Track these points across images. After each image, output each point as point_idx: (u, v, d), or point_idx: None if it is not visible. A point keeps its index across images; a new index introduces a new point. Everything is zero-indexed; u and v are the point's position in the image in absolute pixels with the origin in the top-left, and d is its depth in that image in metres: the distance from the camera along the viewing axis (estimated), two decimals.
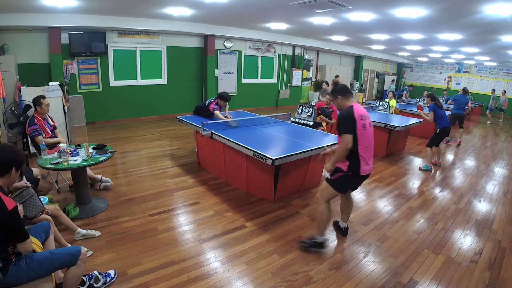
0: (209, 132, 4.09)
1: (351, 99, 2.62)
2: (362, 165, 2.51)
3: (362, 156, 2.49)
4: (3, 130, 4.75)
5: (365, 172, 2.56)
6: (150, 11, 6.52)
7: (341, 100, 2.63)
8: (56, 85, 5.40)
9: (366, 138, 2.50)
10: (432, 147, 5.26)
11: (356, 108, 2.52)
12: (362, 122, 2.48)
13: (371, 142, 2.57)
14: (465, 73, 15.66)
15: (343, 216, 3.09)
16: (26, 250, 1.71)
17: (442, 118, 5.15)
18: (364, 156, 2.51)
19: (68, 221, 2.72)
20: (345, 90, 2.64)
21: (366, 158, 2.53)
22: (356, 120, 2.45)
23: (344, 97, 2.61)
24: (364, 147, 2.49)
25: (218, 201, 3.73)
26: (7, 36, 6.41)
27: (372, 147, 2.59)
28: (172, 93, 9.02)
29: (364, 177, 2.63)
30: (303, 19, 6.70)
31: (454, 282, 2.41)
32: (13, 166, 1.74)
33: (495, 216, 3.67)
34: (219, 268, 2.48)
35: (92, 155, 3.17)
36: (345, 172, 2.55)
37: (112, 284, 2.24)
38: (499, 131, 10.12)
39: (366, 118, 2.54)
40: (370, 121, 2.59)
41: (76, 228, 2.76)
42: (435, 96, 5.43)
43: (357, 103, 2.61)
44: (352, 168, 2.53)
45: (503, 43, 7.64)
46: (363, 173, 2.55)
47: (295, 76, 12.03)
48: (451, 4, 4.42)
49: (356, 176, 2.56)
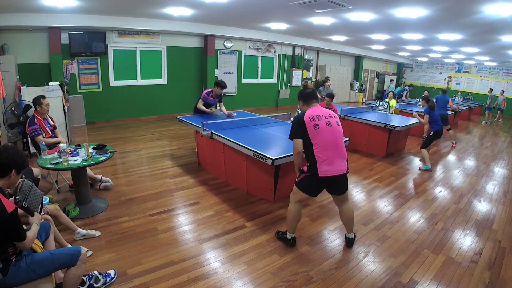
0: (209, 132, 4.09)
1: (312, 104, 2.61)
2: (320, 166, 2.42)
3: (318, 157, 2.43)
4: (3, 130, 4.75)
5: (325, 173, 2.43)
6: (150, 11, 6.52)
7: (302, 105, 2.67)
8: (56, 85, 5.40)
9: (322, 138, 2.43)
10: (425, 148, 5.36)
11: (309, 111, 2.51)
12: (313, 123, 2.44)
13: (330, 141, 2.45)
14: (465, 73, 15.66)
15: (345, 227, 2.96)
16: (24, 248, 1.72)
17: (436, 121, 5.27)
18: (321, 157, 2.42)
19: (68, 221, 2.72)
20: (308, 97, 2.63)
21: (324, 159, 2.42)
22: (305, 122, 2.44)
23: (305, 103, 2.64)
24: (319, 147, 2.43)
25: (218, 201, 3.73)
26: (7, 36, 6.41)
27: (335, 146, 2.47)
28: (172, 93, 9.02)
29: (329, 178, 2.47)
30: (303, 19, 6.70)
31: (454, 282, 2.41)
32: (14, 168, 1.73)
33: (495, 216, 3.67)
34: (219, 268, 2.48)
35: (92, 155, 3.17)
36: (305, 172, 2.56)
37: (112, 284, 2.24)
38: (498, 131, 10.12)
39: (321, 118, 2.48)
40: (332, 120, 2.52)
41: (76, 228, 2.76)
42: (430, 98, 5.49)
43: (317, 106, 2.60)
44: (310, 169, 2.51)
45: (503, 43, 7.64)
46: (322, 175, 2.43)
47: (295, 76, 12.03)
48: (451, 4, 4.43)
49: (315, 177, 2.47)
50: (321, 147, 2.43)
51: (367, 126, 5.97)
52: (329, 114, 2.57)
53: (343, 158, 2.54)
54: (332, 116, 2.56)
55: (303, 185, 2.61)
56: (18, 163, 1.75)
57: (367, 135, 6.05)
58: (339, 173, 2.48)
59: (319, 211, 3.56)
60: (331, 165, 2.45)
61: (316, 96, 2.68)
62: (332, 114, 2.59)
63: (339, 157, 2.49)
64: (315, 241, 2.95)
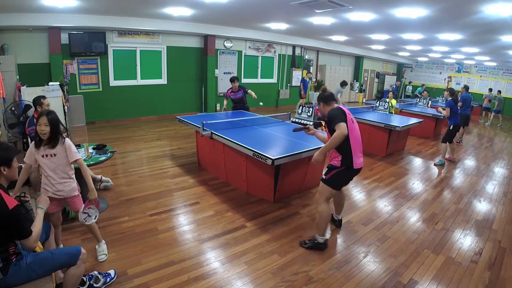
0: (209, 132, 4.08)
1: (332, 105, 2.74)
2: (354, 158, 2.59)
3: (354, 148, 2.58)
4: (3, 130, 4.76)
5: (358, 165, 2.63)
6: (150, 11, 6.52)
7: (323, 106, 2.78)
8: (56, 85, 5.40)
9: (355, 132, 2.63)
10: (446, 143, 5.48)
11: (342, 107, 2.70)
12: (350, 116, 2.62)
13: (358, 136, 2.68)
14: (465, 73, 15.65)
15: (337, 209, 3.21)
16: (30, 247, 1.68)
17: (456, 115, 5.36)
18: (356, 149, 2.61)
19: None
20: (328, 99, 2.77)
21: (357, 151, 2.62)
22: (346, 113, 2.59)
23: (326, 104, 2.75)
24: (354, 140, 2.59)
25: (218, 201, 3.73)
26: (7, 36, 6.41)
27: (360, 141, 2.69)
28: (172, 93, 9.02)
29: (357, 170, 2.69)
30: (303, 19, 6.70)
31: (454, 282, 2.41)
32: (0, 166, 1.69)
33: (495, 216, 3.67)
34: (219, 268, 2.48)
35: (92, 155, 3.17)
36: (339, 167, 2.62)
37: (112, 284, 2.24)
38: (498, 131, 10.12)
39: (351, 114, 2.69)
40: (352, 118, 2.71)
41: None
42: (454, 91, 5.54)
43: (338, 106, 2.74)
44: (345, 162, 2.60)
45: (503, 43, 7.64)
46: (357, 166, 2.62)
47: (295, 76, 12.03)
48: (451, 4, 4.42)
49: (350, 170, 2.62)
50: (355, 141, 2.61)
51: (367, 126, 5.97)
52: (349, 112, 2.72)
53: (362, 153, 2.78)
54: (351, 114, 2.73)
55: (335, 181, 2.69)
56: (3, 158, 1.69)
57: (367, 135, 6.04)
58: (362, 165, 2.73)
59: None
60: (359, 158, 2.67)
61: (334, 98, 2.84)
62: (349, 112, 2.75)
63: (362, 151, 2.74)
64: None
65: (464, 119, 7.25)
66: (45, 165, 2.27)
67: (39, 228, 1.75)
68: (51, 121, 2.19)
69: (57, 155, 2.26)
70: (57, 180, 2.30)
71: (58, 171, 2.30)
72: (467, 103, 7.18)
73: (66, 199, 2.39)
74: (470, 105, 7.39)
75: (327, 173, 2.70)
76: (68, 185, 2.35)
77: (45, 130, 2.17)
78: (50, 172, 2.28)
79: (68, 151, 2.28)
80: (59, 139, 2.25)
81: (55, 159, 2.26)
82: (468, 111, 7.32)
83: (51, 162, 2.26)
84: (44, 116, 2.17)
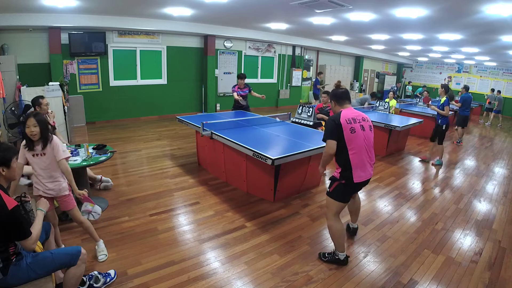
0: (209, 132, 4.08)
1: (345, 105, 2.50)
2: (354, 172, 2.36)
3: (355, 161, 2.35)
4: (3, 130, 4.76)
5: (359, 179, 2.39)
6: (150, 11, 6.52)
7: (334, 105, 2.58)
8: (56, 85, 5.40)
9: (357, 143, 2.35)
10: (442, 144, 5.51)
11: (345, 113, 2.40)
12: (349, 126, 2.34)
13: (365, 146, 2.40)
14: (465, 73, 15.65)
15: (352, 217, 3.08)
16: (29, 248, 1.68)
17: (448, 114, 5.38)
18: (356, 162, 2.36)
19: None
20: (341, 97, 2.53)
21: (359, 164, 2.37)
22: (342, 125, 2.33)
23: (337, 104, 2.54)
24: (354, 152, 2.34)
25: (218, 201, 3.73)
26: (7, 36, 6.41)
27: (368, 152, 2.43)
28: (172, 93, 9.02)
29: (361, 184, 2.48)
30: (303, 19, 6.70)
31: (454, 282, 2.41)
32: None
33: (495, 216, 3.67)
34: (219, 268, 2.48)
35: (92, 155, 3.17)
36: (339, 180, 2.44)
37: (112, 284, 2.24)
38: (498, 131, 10.12)
39: (356, 121, 2.38)
40: (365, 124, 2.44)
41: None
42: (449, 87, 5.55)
43: (351, 108, 2.50)
44: (344, 176, 2.41)
45: (503, 43, 7.63)
46: (357, 180, 2.39)
47: (295, 76, 12.02)
48: (451, 4, 4.42)
49: (350, 183, 2.41)
50: (356, 152, 2.35)
51: None
52: (363, 117, 2.47)
53: (373, 162, 2.52)
54: (365, 120, 2.47)
55: (337, 194, 2.49)
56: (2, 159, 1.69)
57: None
58: (369, 177, 2.51)
59: (319, 211, 3.56)
60: (364, 171, 2.42)
61: (349, 96, 2.56)
62: (365, 117, 2.49)
63: (369, 162, 2.47)
64: (315, 241, 2.95)
65: (463, 120, 7.26)
66: (35, 164, 2.30)
67: (38, 230, 1.75)
68: (39, 122, 2.20)
69: (46, 154, 2.29)
70: (46, 179, 2.32)
71: (47, 170, 2.32)
72: (467, 104, 7.18)
73: (56, 198, 2.40)
74: (470, 105, 7.39)
75: (330, 185, 2.54)
76: (58, 184, 2.36)
77: (35, 131, 2.19)
78: (40, 171, 2.31)
79: (56, 150, 2.29)
80: (49, 139, 2.28)
81: (44, 158, 2.29)
82: (467, 111, 7.33)
83: (41, 161, 2.29)
84: (31, 118, 2.19)
